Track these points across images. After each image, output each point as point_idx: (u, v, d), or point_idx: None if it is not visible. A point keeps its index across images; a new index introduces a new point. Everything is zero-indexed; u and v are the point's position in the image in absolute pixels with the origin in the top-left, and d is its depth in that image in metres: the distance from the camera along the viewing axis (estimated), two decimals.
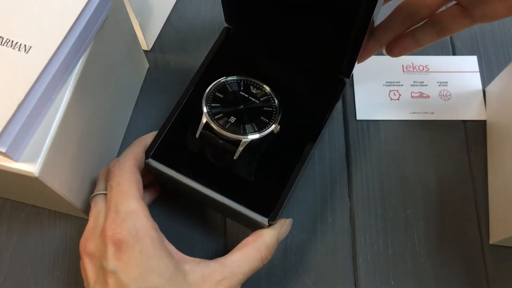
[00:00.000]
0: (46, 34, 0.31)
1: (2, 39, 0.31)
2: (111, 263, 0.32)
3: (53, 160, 0.32)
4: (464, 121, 0.47)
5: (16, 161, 0.31)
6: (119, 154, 0.45)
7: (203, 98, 0.38)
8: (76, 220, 0.43)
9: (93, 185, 0.38)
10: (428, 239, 0.42)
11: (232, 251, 0.35)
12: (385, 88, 0.49)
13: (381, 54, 0.39)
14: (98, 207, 0.35)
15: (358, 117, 0.47)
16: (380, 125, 0.47)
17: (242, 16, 0.41)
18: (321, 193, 0.44)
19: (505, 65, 0.49)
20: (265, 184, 0.38)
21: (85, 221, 0.36)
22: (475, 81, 0.49)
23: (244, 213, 0.36)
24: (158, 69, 0.50)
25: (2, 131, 0.29)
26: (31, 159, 0.31)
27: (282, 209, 0.36)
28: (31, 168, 0.31)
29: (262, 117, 0.38)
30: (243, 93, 0.39)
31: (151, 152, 0.37)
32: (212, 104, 0.38)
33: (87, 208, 0.39)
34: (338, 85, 0.41)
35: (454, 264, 0.42)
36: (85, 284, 0.34)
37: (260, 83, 0.40)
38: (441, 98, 0.48)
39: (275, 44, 0.41)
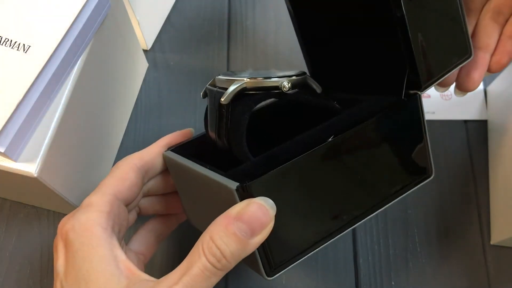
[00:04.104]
0: (45, 34, 0.31)
1: (1, 38, 0.31)
2: (58, 262, 0.27)
3: (52, 160, 0.32)
4: (465, 121, 0.47)
5: (15, 161, 0.31)
6: (118, 154, 0.45)
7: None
8: None
9: (92, 185, 0.38)
10: (429, 239, 0.42)
11: None
12: None
13: None
14: None
15: None
16: None
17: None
18: None
19: None
20: (267, 161, 0.28)
21: None
22: None
23: (212, 178, 0.26)
24: (157, 69, 0.49)
25: (0, 131, 0.29)
26: (30, 159, 0.31)
27: (278, 180, 0.25)
28: (30, 168, 0.31)
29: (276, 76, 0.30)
30: (274, 70, 0.32)
31: (175, 147, 0.33)
32: (230, 72, 0.32)
33: None
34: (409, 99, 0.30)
35: (455, 265, 0.41)
36: None
37: (302, 71, 0.32)
38: (442, 98, 0.48)
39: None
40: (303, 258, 0.28)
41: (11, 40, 0.31)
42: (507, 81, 0.44)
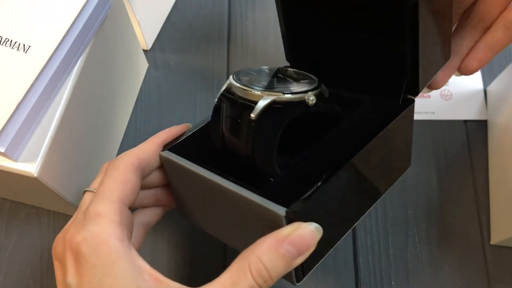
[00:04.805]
0: (45, 34, 0.31)
1: (1, 38, 0.31)
2: (69, 276, 0.26)
3: (52, 160, 0.32)
4: (465, 121, 0.47)
5: (15, 161, 0.31)
6: (118, 154, 0.45)
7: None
8: None
9: None
10: (429, 239, 0.42)
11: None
12: None
13: None
14: (81, 205, 0.30)
15: None
16: None
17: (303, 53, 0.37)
18: None
19: (506, 64, 0.49)
20: (296, 177, 0.28)
21: None
22: (476, 81, 0.49)
23: (255, 202, 0.26)
24: (157, 69, 0.49)
25: (1, 131, 0.29)
26: (30, 159, 0.31)
27: (315, 201, 0.26)
28: (30, 168, 0.31)
29: (297, 87, 0.30)
30: (281, 75, 0.33)
31: (171, 145, 0.32)
32: (242, 77, 0.32)
33: None
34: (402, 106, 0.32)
35: (455, 264, 0.41)
36: None
37: (304, 72, 0.33)
38: (442, 98, 0.48)
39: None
40: (321, 260, 0.29)
41: (11, 40, 0.31)
42: (507, 81, 0.44)
